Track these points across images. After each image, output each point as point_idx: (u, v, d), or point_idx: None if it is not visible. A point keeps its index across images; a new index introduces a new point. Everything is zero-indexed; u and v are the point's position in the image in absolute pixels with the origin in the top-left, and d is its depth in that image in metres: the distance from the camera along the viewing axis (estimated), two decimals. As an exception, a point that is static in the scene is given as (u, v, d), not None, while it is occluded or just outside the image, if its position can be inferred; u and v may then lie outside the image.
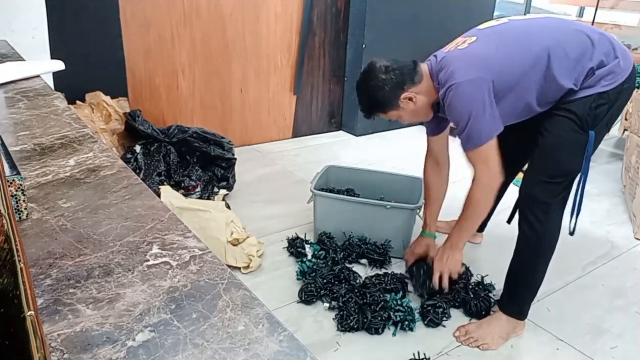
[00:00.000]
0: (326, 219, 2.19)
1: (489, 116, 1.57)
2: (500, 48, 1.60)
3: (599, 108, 1.56)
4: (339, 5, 3.53)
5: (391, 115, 1.77)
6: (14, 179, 0.73)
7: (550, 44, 1.57)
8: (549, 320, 1.84)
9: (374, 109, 1.77)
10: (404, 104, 1.72)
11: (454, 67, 1.60)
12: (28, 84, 1.46)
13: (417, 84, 1.70)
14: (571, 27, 1.63)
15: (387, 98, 1.71)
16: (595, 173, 3.30)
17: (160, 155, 2.48)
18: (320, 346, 1.65)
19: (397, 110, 1.74)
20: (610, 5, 4.07)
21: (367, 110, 1.79)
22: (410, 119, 1.80)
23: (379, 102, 1.73)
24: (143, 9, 2.78)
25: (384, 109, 1.75)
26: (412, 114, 1.76)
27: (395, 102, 1.71)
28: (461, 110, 1.59)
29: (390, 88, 1.69)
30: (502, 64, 1.58)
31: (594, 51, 1.56)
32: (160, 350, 0.52)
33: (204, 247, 0.71)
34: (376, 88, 1.71)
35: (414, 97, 1.71)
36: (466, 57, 1.61)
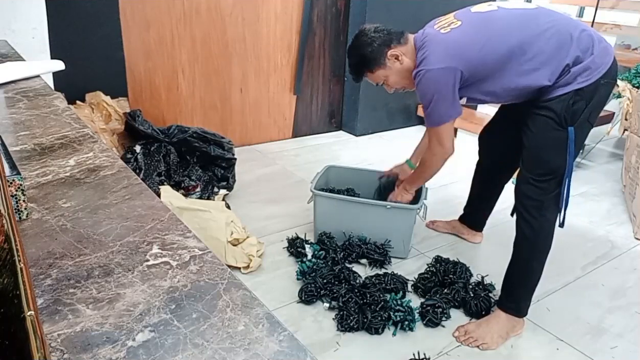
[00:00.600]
0: (326, 219, 2.19)
1: (449, 103, 1.71)
2: (478, 38, 1.67)
3: (575, 104, 1.60)
4: (339, 5, 3.53)
5: (378, 76, 1.86)
6: (14, 179, 0.73)
7: (527, 39, 1.63)
8: (549, 320, 1.84)
9: (363, 66, 1.85)
10: (390, 62, 1.81)
11: (430, 51, 1.71)
12: (28, 84, 1.46)
13: (403, 45, 1.82)
14: (554, 22, 1.65)
15: (374, 54, 1.81)
16: (595, 173, 3.30)
17: (160, 156, 2.48)
18: (320, 346, 1.65)
19: (384, 68, 1.83)
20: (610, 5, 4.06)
21: (356, 70, 1.89)
22: (396, 82, 1.86)
23: (367, 58, 1.83)
24: (143, 9, 2.78)
25: (371, 66, 1.83)
26: (398, 74, 1.84)
27: (383, 59, 1.81)
28: (426, 92, 1.72)
29: (378, 45, 1.81)
30: (476, 56, 1.66)
31: (571, 47, 1.60)
32: (160, 350, 0.52)
33: (204, 247, 0.71)
34: (365, 44, 1.82)
35: (400, 55, 1.80)
36: (444, 43, 1.70)
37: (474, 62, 1.66)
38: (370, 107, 3.75)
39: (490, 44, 1.65)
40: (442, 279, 1.97)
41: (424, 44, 1.74)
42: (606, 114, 3.46)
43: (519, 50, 1.63)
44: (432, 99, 1.71)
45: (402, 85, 1.89)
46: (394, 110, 3.92)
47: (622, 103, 2.89)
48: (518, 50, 1.63)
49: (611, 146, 3.83)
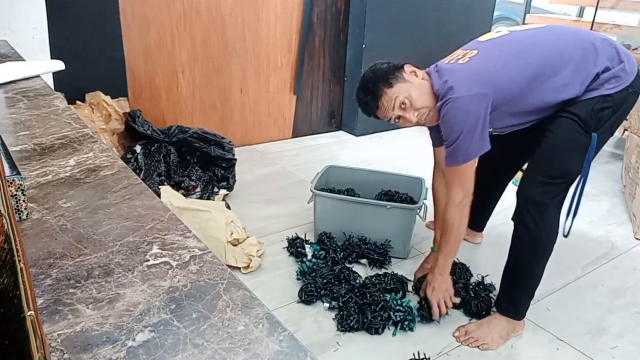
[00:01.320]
0: (326, 219, 2.19)
1: (478, 136, 1.58)
2: (500, 62, 1.60)
3: (602, 111, 1.56)
4: (339, 5, 3.53)
5: (398, 91, 1.67)
6: (14, 179, 0.73)
7: (550, 56, 1.59)
8: (549, 320, 1.84)
9: (379, 81, 1.69)
10: (408, 76, 1.69)
11: (453, 80, 1.59)
12: (28, 84, 1.46)
13: (418, 67, 1.73)
14: (572, 35, 1.64)
15: (390, 69, 1.70)
16: (595, 173, 3.30)
17: (161, 156, 2.48)
18: (320, 346, 1.65)
19: (403, 82, 1.68)
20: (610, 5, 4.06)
21: (372, 91, 1.70)
22: (420, 98, 1.67)
23: (383, 73, 1.69)
24: (143, 9, 2.78)
25: (389, 79, 1.68)
26: (420, 89, 1.67)
27: (400, 73, 1.69)
28: (455, 124, 1.59)
29: (392, 65, 1.72)
30: (502, 79, 1.58)
31: (597, 57, 1.57)
32: (160, 350, 0.52)
33: (204, 247, 0.71)
34: (378, 65, 1.74)
35: (418, 71, 1.71)
36: (467, 71, 1.61)
37: (503, 84, 1.58)
38: (370, 107, 3.75)
39: (517, 64, 1.59)
40: None
41: (442, 75, 1.64)
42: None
43: (545, 67, 1.58)
44: (460, 131, 1.57)
45: (425, 105, 1.67)
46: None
47: (622, 103, 2.89)
48: (544, 66, 1.58)
49: (611, 146, 3.83)
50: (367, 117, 1.82)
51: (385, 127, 3.89)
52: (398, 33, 3.66)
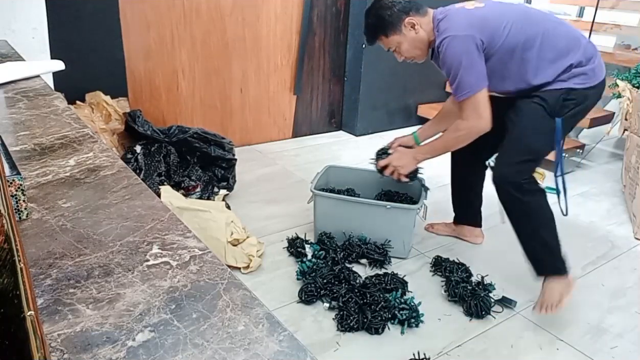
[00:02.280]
0: (326, 219, 2.19)
1: (478, 70, 1.76)
2: (500, 17, 1.78)
3: (567, 101, 1.77)
4: (339, 5, 3.53)
5: (391, 42, 1.90)
6: (14, 179, 0.73)
7: (544, 32, 1.77)
8: (549, 320, 1.84)
9: (379, 29, 1.89)
10: (406, 29, 1.86)
11: (453, 20, 1.78)
12: (28, 84, 1.46)
13: (422, 15, 1.87)
14: (566, 27, 1.85)
15: (392, 18, 1.86)
16: (595, 173, 3.30)
17: (161, 156, 2.48)
18: (320, 346, 1.65)
19: (399, 35, 1.87)
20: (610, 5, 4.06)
21: (371, 32, 1.92)
22: (407, 50, 1.90)
23: (385, 22, 1.86)
24: (143, 9, 2.78)
25: (387, 31, 1.88)
26: (411, 43, 1.88)
27: (399, 25, 1.86)
28: (453, 60, 1.76)
29: (397, 10, 1.85)
30: (496, 31, 1.76)
31: (578, 50, 1.77)
32: (160, 350, 0.52)
33: (204, 247, 0.71)
34: (385, 7, 1.86)
35: (417, 25, 1.86)
36: (468, 16, 1.79)
37: (496, 37, 1.75)
38: (370, 107, 3.75)
39: (515, 26, 1.77)
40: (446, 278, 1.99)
41: (445, 16, 1.81)
42: (606, 114, 3.46)
43: (534, 42, 1.76)
44: (460, 66, 1.75)
45: (412, 55, 1.93)
46: (394, 110, 3.92)
47: (622, 103, 2.89)
48: (534, 41, 1.76)
49: (611, 146, 3.83)
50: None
51: (385, 127, 3.90)
52: (398, 33, 3.66)
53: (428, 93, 4.03)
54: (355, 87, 3.68)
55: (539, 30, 1.78)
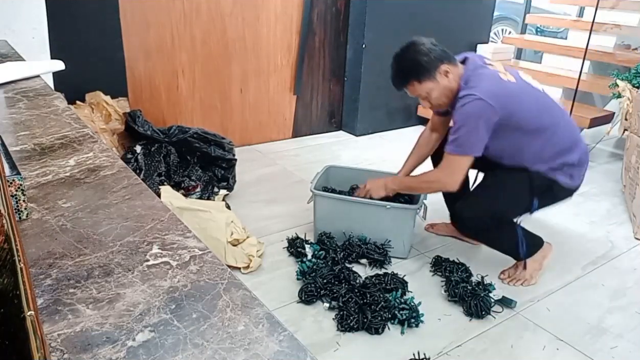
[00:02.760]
0: (326, 219, 2.19)
1: (481, 138, 1.80)
2: (525, 98, 1.86)
3: (549, 190, 1.92)
4: (339, 5, 3.53)
5: (424, 88, 1.86)
6: (14, 179, 0.73)
7: (557, 125, 1.89)
8: (549, 320, 1.84)
9: (412, 74, 1.86)
10: (440, 77, 1.84)
11: (485, 83, 1.79)
12: (28, 84, 1.46)
13: (453, 65, 1.86)
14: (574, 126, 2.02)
15: (428, 65, 1.83)
16: (595, 173, 3.30)
17: (161, 156, 2.48)
18: (320, 346, 1.65)
19: (433, 82, 1.85)
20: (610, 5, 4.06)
21: (403, 77, 1.90)
22: (437, 97, 1.88)
23: (421, 67, 1.83)
24: (143, 9, 2.78)
25: (421, 76, 1.85)
26: (442, 91, 1.86)
27: (434, 72, 1.83)
28: (467, 117, 1.78)
29: (433, 57, 1.83)
30: (517, 111, 1.82)
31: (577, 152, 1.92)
32: (160, 350, 0.52)
33: (204, 247, 0.71)
34: (422, 53, 1.84)
35: (450, 73, 1.84)
36: (499, 86, 1.81)
37: (513, 117, 1.81)
38: (370, 107, 3.75)
39: (533, 112, 1.85)
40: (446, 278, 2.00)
41: (478, 74, 1.82)
42: (606, 114, 3.46)
43: (545, 134, 1.87)
44: (469, 125, 1.78)
45: (439, 103, 1.91)
46: (394, 110, 3.92)
47: (622, 103, 2.89)
48: (545, 133, 1.87)
49: (611, 146, 3.83)
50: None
51: (385, 127, 3.90)
52: (398, 33, 3.64)
53: (428, 93, 4.03)
54: (355, 87, 3.67)
55: (552, 122, 1.88)
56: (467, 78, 1.83)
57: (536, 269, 2.04)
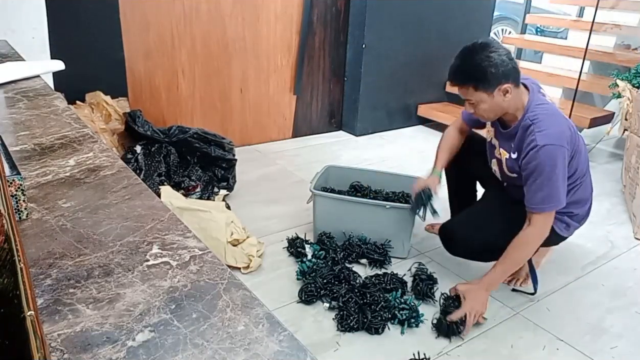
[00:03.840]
0: (326, 219, 2.19)
1: (563, 186, 1.72)
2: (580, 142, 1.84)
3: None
4: (339, 5, 3.53)
5: (476, 96, 1.71)
6: (14, 179, 0.73)
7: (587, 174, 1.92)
8: (549, 320, 1.84)
9: (472, 79, 1.70)
10: (498, 93, 1.69)
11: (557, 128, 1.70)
12: (28, 84, 1.46)
13: (516, 86, 1.72)
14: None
15: (493, 77, 1.67)
16: (595, 173, 3.29)
17: (161, 156, 2.48)
18: (320, 346, 1.65)
19: (488, 94, 1.70)
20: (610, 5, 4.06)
21: (462, 76, 1.73)
22: (484, 110, 1.75)
23: (484, 77, 1.67)
24: (143, 9, 2.78)
25: (479, 85, 1.69)
26: (493, 107, 1.73)
27: (494, 87, 1.68)
28: (548, 168, 1.67)
29: (502, 71, 1.67)
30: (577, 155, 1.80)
31: (586, 207, 1.96)
32: (160, 350, 0.52)
33: (204, 247, 0.71)
34: (492, 63, 1.66)
35: (509, 94, 1.70)
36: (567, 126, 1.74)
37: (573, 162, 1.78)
38: (370, 107, 3.75)
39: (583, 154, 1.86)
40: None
41: (547, 113, 1.72)
42: (606, 114, 3.46)
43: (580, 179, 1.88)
44: (554, 176, 1.67)
45: (483, 115, 1.78)
46: (394, 110, 3.92)
47: (622, 103, 2.89)
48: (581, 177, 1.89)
49: (611, 146, 3.83)
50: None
51: (385, 127, 3.90)
52: (398, 33, 3.66)
53: (428, 93, 4.03)
54: (355, 87, 3.67)
55: (584, 170, 1.88)
56: (534, 114, 1.71)
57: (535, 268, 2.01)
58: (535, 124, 1.70)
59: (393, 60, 3.71)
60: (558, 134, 1.68)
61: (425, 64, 3.86)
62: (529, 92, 1.77)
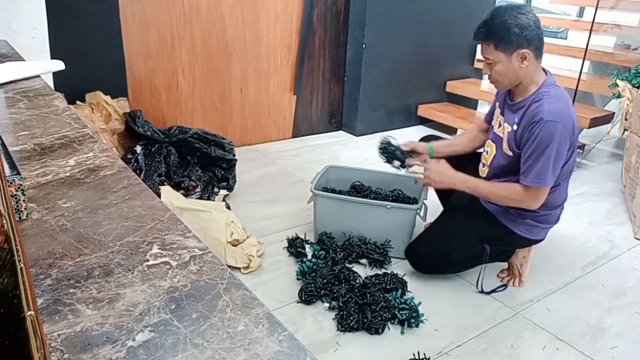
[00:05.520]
0: (326, 219, 2.19)
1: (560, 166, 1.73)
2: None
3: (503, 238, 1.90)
4: (339, 5, 3.53)
5: (495, 55, 1.71)
6: (14, 179, 0.73)
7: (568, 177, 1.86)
8: (549, 320, 1.84)
9: (495, 36, 1.70)
10: (516, 57, 1.70)
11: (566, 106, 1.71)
12: (28, 84, 1.46)
13: (536, 57, 1.72)
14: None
15: (514, 38, 1.67)
16: (595, 173, 3.30)
17: (161, 157, 2.48)
18: (320, 346, 1.65)
19: (506, 55, 1.70)
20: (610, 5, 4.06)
21: (487, 32, 1.72)
22: (500, 74, 1.75)
23: (507, 35, 1.67)
24: (143, 9, 2.78)
25: (500, 43, 1.69)
26: (508, 70, 1.73)
27: (514, 48, 1.68)
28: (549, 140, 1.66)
29: (524, 35, 1.67)
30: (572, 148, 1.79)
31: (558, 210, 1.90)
32: (160, 350, 0.52)
33: (204, 247, 0.71)
34: (518, 23, 1.66)
35: (527, 60, 1.70)
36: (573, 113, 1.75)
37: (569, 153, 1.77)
38: (370, 107, 3.75)
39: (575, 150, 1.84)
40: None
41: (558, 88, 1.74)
42: (606, 114, 3.46)
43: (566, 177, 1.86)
44: (551, 154, 1.67)
45: (498, 79, 1.77)
46: (394, 110, 3.92)
47: (622, 103, 2.89)
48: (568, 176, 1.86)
49: (611, 146, 3.83)
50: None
51: (385, 127, 3.89)
52: (398, 33, 3.66)
53: (428, 93, 4.03)
54: (355, 87, 3.67)
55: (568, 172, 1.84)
56: (547, 91, 1.72)
57: (523, 262, 2.02)
58: (545, 99, 1.71)
59: (393, 60, 3.71)
60: (566, 115, 1.68)
61: (425, 64, 3.86)
62: (547, 75, 1.78)
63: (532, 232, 1.90)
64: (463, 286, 2.00)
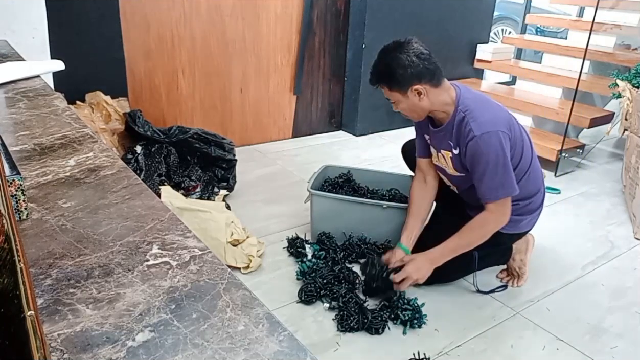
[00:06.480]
0: (323, 218, 2.18)
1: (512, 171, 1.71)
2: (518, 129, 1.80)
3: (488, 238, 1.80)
4: (339, 5, 3.53)
5: (393, 95, 1.76)
6: (14, 179, 0.73)
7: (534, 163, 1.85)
8: (549, 320, 1.84)
9: (384, 79, 1.74)
10: (411, 94, 1.72)
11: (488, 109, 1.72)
12: (28, 84, 1.46)
13: (433, 85, 1.72)
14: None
15: (402, 79, 1.69)
16: (595, 173, 3.30)
17: (161, 157, 2.48)
18: (320, 346, 1.65)
19: (402, 95, 1.73)
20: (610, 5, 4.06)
21: (376, 78, 1.78)
22: (404, 109, 1.80)
23: (393, 78, 1.71)
24: (143, 9, 2.78)
25: (391, 85, 1.73)
26: (411, 107, 1.76)
27: (406, 87, 1.70)
28: (492, 157, 1.66)
29: (410, 72, 1.68)
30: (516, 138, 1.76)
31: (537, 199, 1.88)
32: (160, 350, 0.52)
33: (204, 247, 0.71)
34: (400, 64, 1.69)
35: (423, 94, 1.71)
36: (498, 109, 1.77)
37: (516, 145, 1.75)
38: (370, 107, 3.75)
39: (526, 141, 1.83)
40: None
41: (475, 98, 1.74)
42: (606, 114, 3.46)
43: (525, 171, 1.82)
44: (498, 166, 1.66)
45: (407, 114, 1.83)
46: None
47: (622, 103, 2.89)
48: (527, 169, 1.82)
49: (611, 146, 3.83)
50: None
51: (385, 127, 3.89)
52: (398, 33, 3.62)
53: (428, 93, 4.03)
54: (355, 87, 3.67)
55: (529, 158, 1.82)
56: (465, 106, 1.71)
57: (521, 265, 2.00)
58: (468, 114, 1.70)
59: (393, 60, 3.71)
60: (492, 120, 1.69)
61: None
62: (456, 89, 1.77)
63: (519, 226, 1.88)
64: (463, 286, 2.00)
